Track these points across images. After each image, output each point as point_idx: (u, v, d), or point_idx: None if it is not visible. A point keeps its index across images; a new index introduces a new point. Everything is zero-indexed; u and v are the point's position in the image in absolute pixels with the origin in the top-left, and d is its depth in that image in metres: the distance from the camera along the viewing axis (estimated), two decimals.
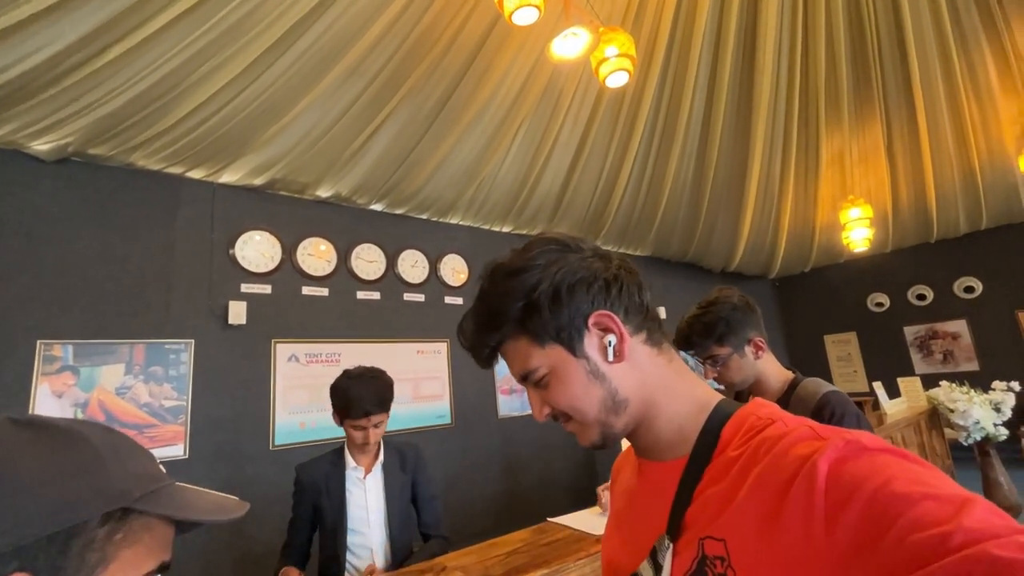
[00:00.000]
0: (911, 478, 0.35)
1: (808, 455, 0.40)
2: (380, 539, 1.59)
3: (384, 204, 4.11)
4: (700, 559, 0.44)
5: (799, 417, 0.48)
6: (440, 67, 3.08)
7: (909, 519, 0.32)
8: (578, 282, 0.53)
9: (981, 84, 3.92)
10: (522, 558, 1.02)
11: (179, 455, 3.00)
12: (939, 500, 0.33)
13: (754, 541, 0.41)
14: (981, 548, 0.29)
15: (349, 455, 1.66)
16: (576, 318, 0.53)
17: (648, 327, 0.56)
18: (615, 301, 0.54)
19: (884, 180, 5.10)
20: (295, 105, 2.97)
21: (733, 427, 0.49)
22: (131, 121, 2.74)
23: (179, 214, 3.29)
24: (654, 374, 0.54)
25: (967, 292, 6.19)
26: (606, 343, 0.53)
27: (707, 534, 0.45)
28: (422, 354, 4.18)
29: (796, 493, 0.38)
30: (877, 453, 0.38)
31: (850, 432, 0.41)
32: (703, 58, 3.69)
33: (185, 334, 3.16)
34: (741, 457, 0.45)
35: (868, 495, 0.35)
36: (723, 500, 0.45)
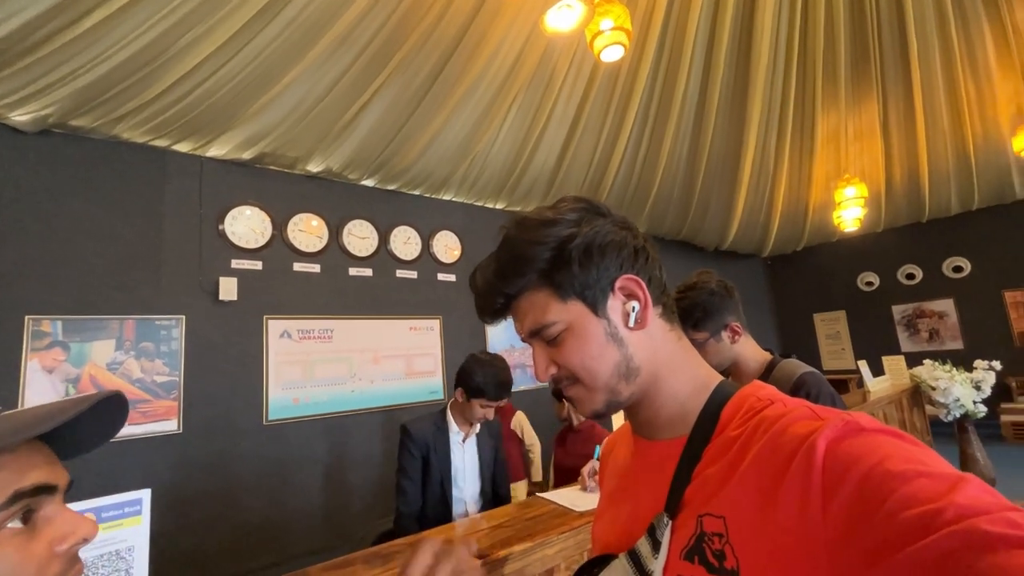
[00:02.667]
0: (906, 457, 0.36)
1: (806, 434, 0.40)
2: (473, 492, 1.88)
3: (376, 180, 4.06)
4: (699, 535, 0.45)
5: (797, 399, 0.49)
6: (432, 38, 3.00)
7: (902, 495, 0.33)
8: (609, 244, 0.53)
9: (979, 62, 3.88)
10: (507, 532, 1.05)
11: (173, 430, 3.03)
12: (932, 478, 0.34)
13: (752, 518, 0.41)
14: (970, 523, 0.30)
15: (453, 421, 1.88)
16: (603, 278, 0.53)
17: (664, 302, 0.56)
18: (642, 269, 0.54)
19: (879, 159, 5.08)
20: (283, 76, 2.90)
21: (733, 407, 0.50)
22: (113, 92, 2.67)
23: (167, 188, 3.24)
24: (665, 348, 0.55)
25: (955, 272, 6.26)
26: (629, 308, 0.53)
27: (706, 511, 0.45)
28: (415, 330, 4.20)
29: (795, 471, 0.39)
30: (874, 433, 0.39)
31: (848, 413, 0.41)
32: (700, 33, 3.62)
33: (176, 310, 3.15)
34: (740, 436, 0.46)
35: (863, 473, 0.36)
36: (722, 478, 0.45)
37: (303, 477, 3.41)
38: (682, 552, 0.46)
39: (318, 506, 3.44)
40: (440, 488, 1.79)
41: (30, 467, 0.42)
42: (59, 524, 0.43)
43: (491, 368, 1.73)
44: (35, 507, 0.41)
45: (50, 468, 0.44)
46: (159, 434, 2.99)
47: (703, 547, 0.44)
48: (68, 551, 0.43)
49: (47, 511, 0.42)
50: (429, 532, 1.10)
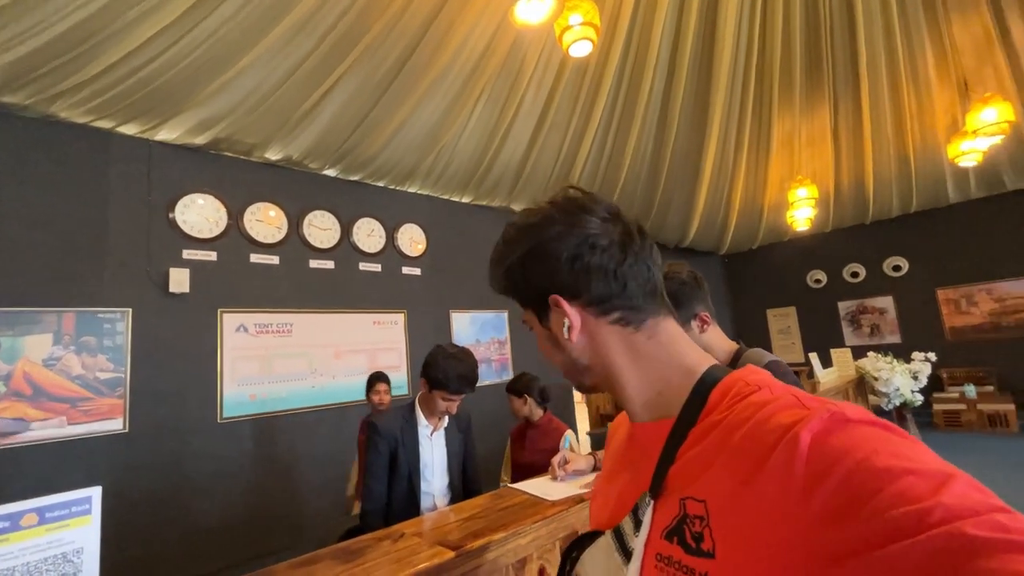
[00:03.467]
0: (893, 452, 0.35)
1: (790, 424, 0.40)
2: (441, 487, 1.86)
3: (338, 170, 3.95)
4: (681, 517, 0.46)
5: (786, 385, 0.49)
6: (399, 25, 2.93)
7: (889, 493, 0.33)
8: (542, 262, 0.56)
9: (920, 74, 4.13)
10: (480, 523, 1.04)
11: (118, 429, 2.86)
12: (920, 475, 0.33)
13: (731, 504, 0.42)
14: (956, 526, 0.30)
15: (421, 414, 1.86)
16: (536, 295, 0.57)
17: (623, 309, 0.56)
18: (581, 287, 0.55)
19: (829, 163, 5.34)
20: (240, 58, 2.77)
21: (721, 391, 0.50)
22: (50, 67, 2.48)
23: (111, 173, 3.04)
24: (620, 350, 0.56)
25: (895, 271, 6.66)
26: (563, 323, 0.56)
27: (688, 494, 0.46)
28: (379, 325, 4.12)
29: (775, 461, 0.39)
30: (860, 425, 0.38)
31: (835, 403, 0.41)
32: (665, 35, 3.69)
33: (121, 302, 2.97)
34: (725, 421, 0.46)
35: (849, 467, 0.35)
36: (705, 462, 0.46)
37: (260, 477, 3.29)
38: (663, 532, 0.47)
39: (276, 507, 3.33)
40: (408, 482, 1.76)
41: None
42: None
43: (455, 360, 1.71)
44: None
45: None
46: (102, 434, 2.81)
47: (683, 528, 0.45)
48: None
49: None
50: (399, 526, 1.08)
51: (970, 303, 6.13)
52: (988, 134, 3.40)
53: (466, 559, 0.89)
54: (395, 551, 0.90)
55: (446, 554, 0.85)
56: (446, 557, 0.85)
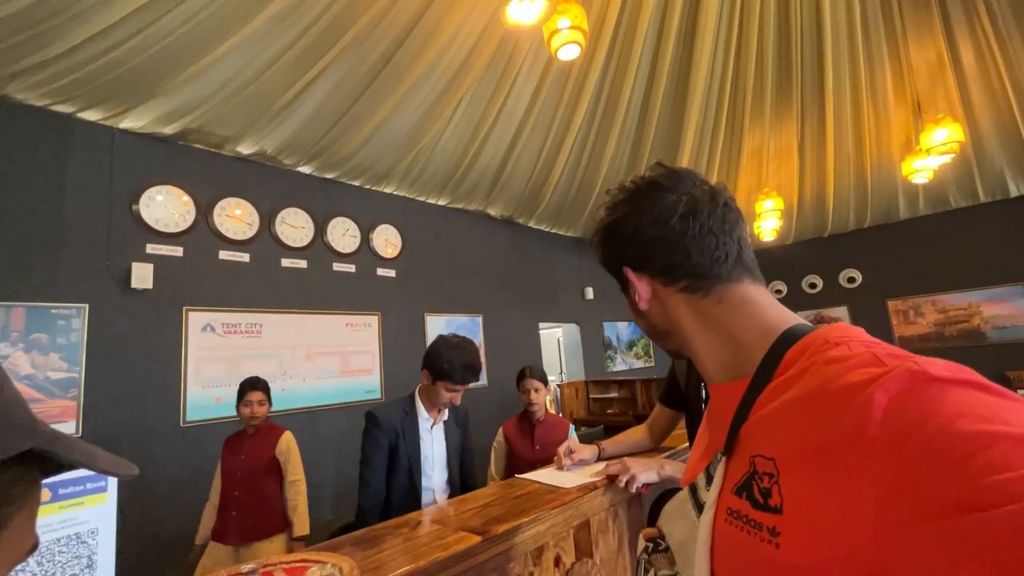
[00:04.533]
0: (983, 414, 0.33)
1: (863, 383, 0.38)
2: (440, 482, 1.83)
3: (313, 167, 3.85)
4: (751, 474, 0.46)
5: (869, 341, 0.47)
6: (384, 21, 2.89)
7: (980, 460, 0.31)
8: (613, 236, 0.62)
9: (879, 94, 4.38)
10: (497, 510, 1.01)
11: (70, 433, 2.66)
12: (1015, 442, 0.31)
13: (800, 462, 0.42)
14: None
15: (422, 406, 1.83)
16: (614, 266, 0.63)
17: (690, 277, 0.58)
18: (648, 261, 0.60)
19: (794, 176, 5.58)
20: (216, 47, 2.67)
21: (798, 349, 0.49)
22: (6, 44, 2.32)
23: (70, 161, 2.86)
24: (690, 315, 0.59)
25: (849, 282, 7.00)
26: (635, 293, 0.61)
27: (759, 452, 0.46)
28: (352, 327, 4.01)
29: (847, 421, 0.37)
30: (947, 384, 0.36)
31: (917, 360, 0.38)
32: (646, 46, 3.79)
33: (77, 298, 2.78)
34: (798, 379, 0.46)
35: (930, 432, 0.33)
36: (776, 420, 0.46)
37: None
38: (734, 487, 0.48)
39: None
40: (408, 476, 1.71)
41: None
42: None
43: (459, 350, 1.69)
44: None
45: None
46: None
47: (752, 484, 0.46)
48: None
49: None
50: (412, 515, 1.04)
51: (917, 314, 6.50)
52: (939, 153, 3.63)
53: (491, 544, 0.86)
54: (416, 537, 0.86)
55: (472, 539, 0.82)
56: (472, 542, 0.82)
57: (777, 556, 0.41)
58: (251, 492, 2.43)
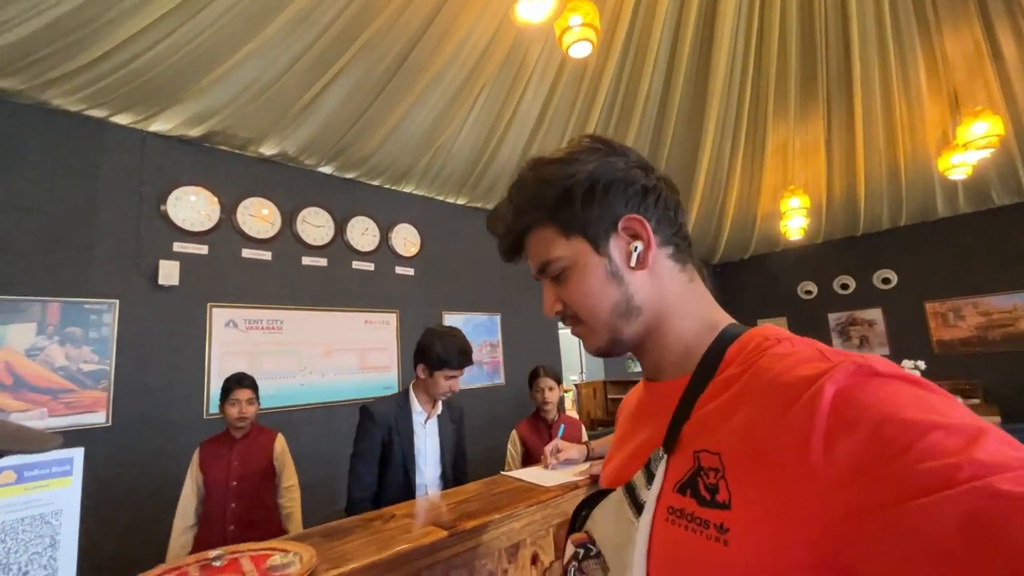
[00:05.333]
0: (923, 406, 0.35)
1: (813, 376, 0.39)
2: (433, 476, 1.85)
3: (333, 167, 3.93)
4: (695, 470, 0.45)
5: (808, 339, 0.48)
6: (399, 22, 2.93)
7: (919, 448, 0.32)
8: (615, 182, 0.54)
9: (912, 87, 4.19)
10: (473, 505, 1.02)
11: (101, 422, 2.80)
12: (950, 430, 0.32)
13: (749, 455, 0.41)
14: (988, 482, 0.29)
15: (416, 400, 1.84)
16: (606, 217, 0.54)
17: (676, 243, 0.56)
18: (649, 209, 0.54)
19: (821, 173, 5.40)
20: (237, 51, 2.75)
21: (739, 346, 0.50)
22: (44, 52, 2.45)
23: (103, 162, 3.00)
24: (672, 290, 0.55)
25: (884, 283, 6.72)
26: (631, 248, 0.53)
27: (703, 447, 0.45)
28: (370, 324, 4.08)
29: (797, 413, 0.38)
30: (889, 379, 0.37)
31: (862, 356, 0.40)
32: (663, 40, 3.73)
33: (108, 294, 2.92)
34: (743, 374, 0.46)
35: (875, 421, 0.34)
36: (722, 415, 0.45)
37: None
38: (676, 485, 0.46)
39: None
40: (403, 470, 1.73)
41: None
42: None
43: (450, 337, 1.72)
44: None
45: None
46: (85, 427, 2.75)
47: (697, 481, 0.44)
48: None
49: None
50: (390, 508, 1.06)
51: (957, 316, 6.19)
52: (978, 147, 3.45)
53: (459, 539, 0.87)
54: (386, 530, 0.88)
55: (439, 533, 0.83)
56: (438, 536, 0.83)
57: (725, 554, 0.40)
58: (249, 502, 2.26)
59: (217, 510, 2.22)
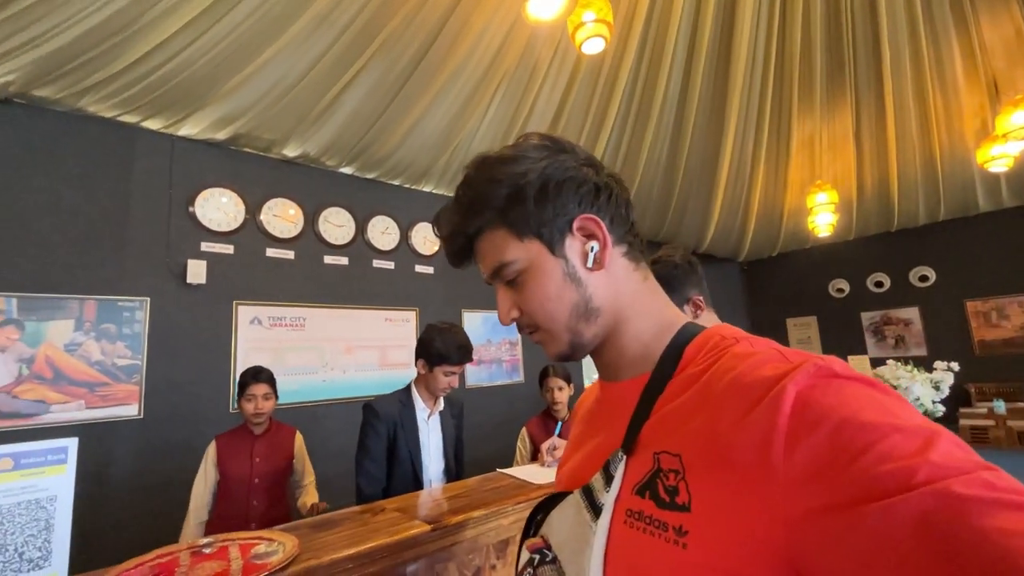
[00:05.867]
0: (880, 409, 0.35)
1: (775, 377, 0.39)
2: (437, 471, 1.87)
3: (354, 167, 4.01)
4: (654, 472, 0.44)
5: (765, 339, 0.48)
6: (415, 21, 2.97)
7: (876, 451, 0.32)
8: (567, 180, 0.52)
9: (947, 76, 4.01)
10: (463, 501, 1.04)
11: (133, 415, 2.93)
12: (907, 433, 0.33)
13: (709, 456, 0.41)
14: (944, 484, 0.29)
15: (418, 397, 1.88)
16: (560, 216, 0.52)
17: (629, 241, 0.56)
18: (603, 207, 0.53)
19: (851, 167, 5.22)
20: (260, 54, 2.84)
21: (697, 345, 0.49)
22: (79, 61, 2.57)
23: (135, 166, 3.14)
24: (628, 289, 0.54)
25: (921, 281, 6.45)
26: (588, 249, 0.52)
27: (663, 448, 0.44)
28: (390, 322, 4.15)
29: (759, 414, 0.38)
30: (847, 381, 0.38)
31: (821, 357, 0.40)
32: (681, 34, 3.67)
33: (140, 291, 3.05)
34: (703, 374, 0.45)
35: (834, 423, 0.35)
36: (682, 415, 0.45)
37: None
38: (635, 487, 0.46)
39: None
40: (410, 465, 1.77)
41: None
42: None
43: (450, 334, 1.74)
44: None
45: None
46: (119, 419, 2.89)
47: (656, 482, 0.44)
48: None
49: None
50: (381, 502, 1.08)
51: (1001, 316, 5.90)
52: (1019, 138, 3.28)
53: (443, 534, 0.89)
54: (373, 522, 0.90)
55: (422, 527, 0.85)
56: (421, 530, 0.84)
57: (684, 556, 0.39)
58: (271, 500, 2.25)
59: (237, 507, 2.19)
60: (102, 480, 2.78)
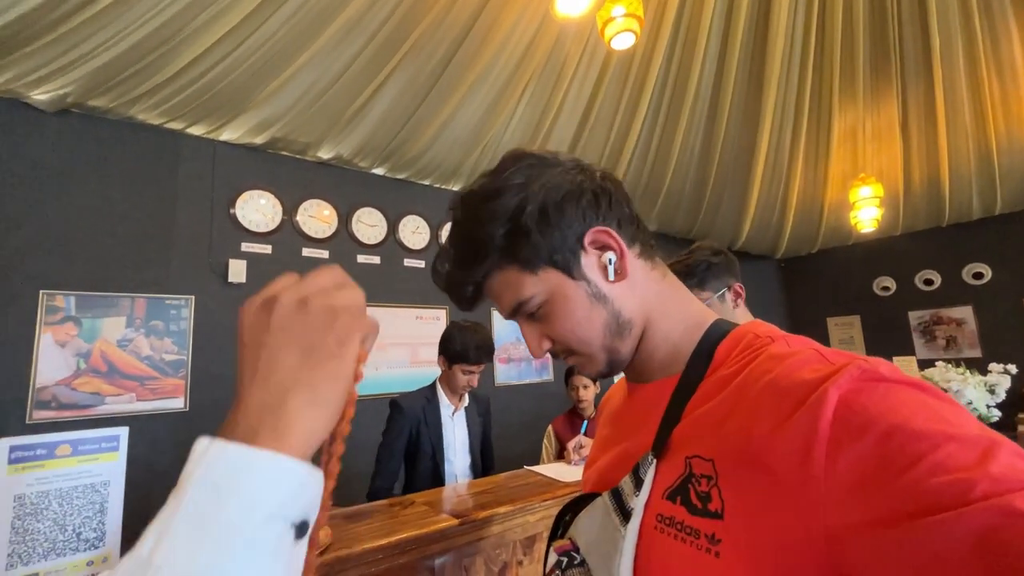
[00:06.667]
0: (932, 415, 0.33)
1: (816, 381, 0.37)
2: (463, 466, 1.88)
3: (386, 168, 4.08)
4: (686, 476, 0.43)
5: (802, 338, 0.46)
6: (444, 23, 3.00)
7: (930, 462, 0.30)
8: (565, 197, 0.49)
9: (1004, 59, 3.76)
10: (489, 497, 1.05)
11: (180, 407, 3.08)
12: (962, 442, 0.31)
13: (745, 463, 0.39)
14: (1006, 500, 0.27)
15: (443, 394, 1.90)
16: (570, 237, 0.49)
17: (641, 239, 0.54)
18: (607, 214, 0.51)
19: (897, 160, 4.97)
20: (294, 60, 2.93)
21: (729, 344, 0.47)
22: (128, 72, 2.71)
23: (180, 171, 3.29)
24: (652, 291, 0.53)
25: (975, 278, 6.09)
26: (605, 261, 0.50)
27: (695, 453, 0.43)
28: (421, 320, 4.21)
29: (799, 419, 0.36)
30: (895, 385, 0.36)
31: (866, 359, 0.38)
32: (714, 25, 3.57)
33: (185, 290, 3.20)
34: (737, 376, 0.44)
35: (883, 430, 0.33)
36: (715, 419, 0.43)
37: None
38: (665, 492, 0.44)
39: None
40: (432, 461, 1.79)
41: None
42: None
43: (470, 332, 1.76)
44: None
45: None
46: (166, 411, 3.04)
47: (688, 488, 0.42)
48: None
49: None
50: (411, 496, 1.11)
51: None
52: None
53: (470, 528, 0.90)
54: (403, 515, 0.93)
55: (450, 521, 0.87)
56: (449, 524, 0.86)
57: (717, 565, 0.38)
58: None
59: None
60: (152, 468, 2.93)
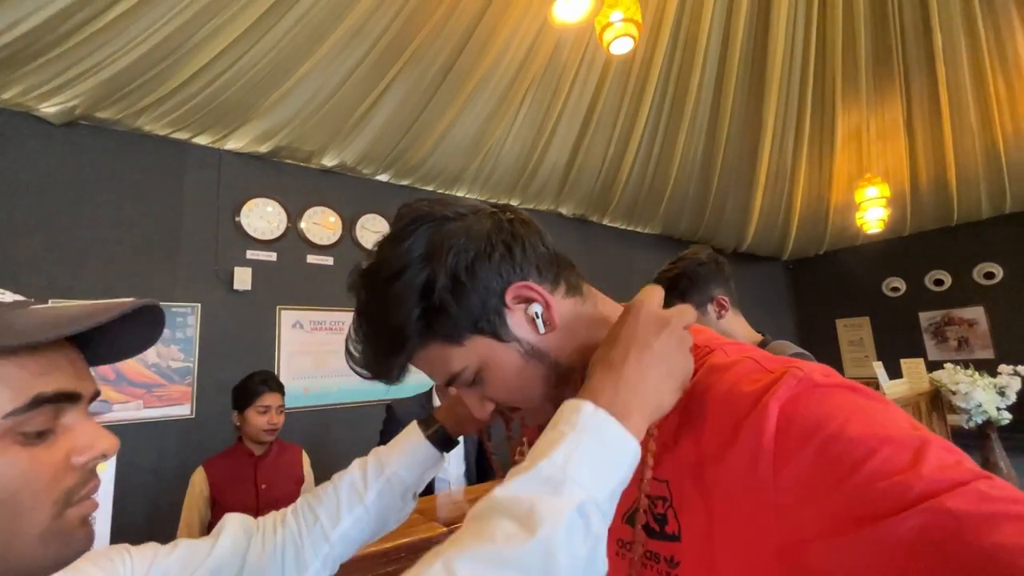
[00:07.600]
0: (866, 418, 0.34)
1: (756, 393, 0.38)
2: (457, 474, 1.88)
3: (390, 175, 4.11)
4: (643, 499, 0.42)
5: (738, 344, 0.46)
6: (444, 31, 3.03)
7: (868, 468, 0.31)
8: (476, 259, 0.45)
9: (1008, 56, 3.73)
10: None
11: (186, 414, 3.10)
12: (896, 444, 0.32)
13: (697, 483, 0.39)
14: (939, 502, 0.29)
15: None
16: (489, 300, 0.45)
17: (565, 276, 0.50)
18: (523, 264, 0.47)
19: (903, 159, 4.93)
20: (297, 69, 2.96)
21: None
22: (135, 84, 2.76)
23: (186, 180, 3.33)
24: (583, 327, 0.50)
25: (987, 278, 6.02)
26: (532, 314, 0.46)
27: (650, 475, 0.42)
28: None
29: (745, 435, 0.37)
30: (830, 389, 0.37)
31: (800, 366, 0.38)
32: (714, 26, 3.58)
33: (192, 298, 3.23)
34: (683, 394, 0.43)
35: (822, 439, 0.33)
36: (665, 440, 0.43)
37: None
38: (624, 516, 0.44)
39: None
40: None
41: (54, 369, 0.38)
42: (79, 435, 0.39)
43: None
44: (56, 414, 0.38)
45: (76, 374, 0.40)
46: (173, 418, 3.07)
47: (645, 511, 0.42)
48: (85, 464, 0.39)
49: (68, 419, 0.39)
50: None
51: None
52: None
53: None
54: None
55: (438, 529, 0.87)
56: (437, 531, 0.86)
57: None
58: None
59: None
60: (158, 475, 2.96)
